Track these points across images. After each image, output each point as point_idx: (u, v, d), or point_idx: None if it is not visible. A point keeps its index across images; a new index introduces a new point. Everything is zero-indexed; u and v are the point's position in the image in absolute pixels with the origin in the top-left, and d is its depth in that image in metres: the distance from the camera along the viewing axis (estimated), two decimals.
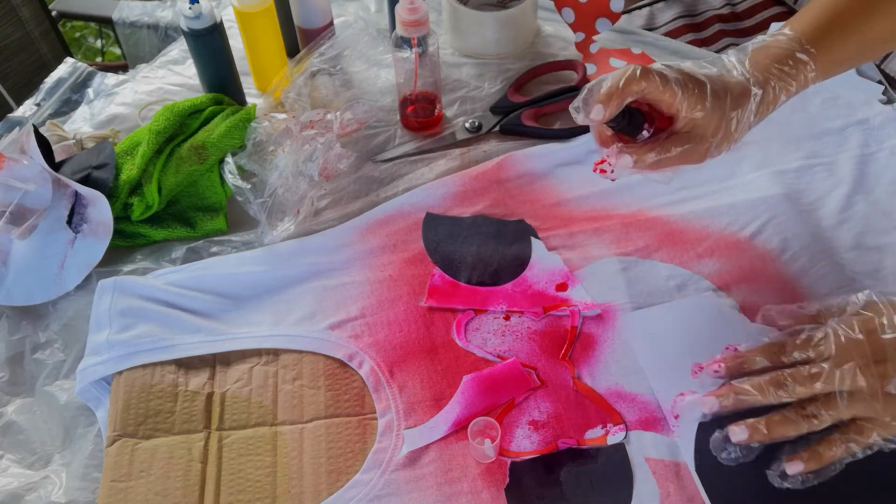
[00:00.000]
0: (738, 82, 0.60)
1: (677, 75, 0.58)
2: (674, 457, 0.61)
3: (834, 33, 0.62)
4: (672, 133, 0.60)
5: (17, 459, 0.65)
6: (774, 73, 0.61)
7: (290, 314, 0.71)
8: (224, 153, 0.80)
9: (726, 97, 0.59)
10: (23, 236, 0.75)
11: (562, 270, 0.73)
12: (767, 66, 0.61)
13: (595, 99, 0.57)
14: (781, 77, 0.61)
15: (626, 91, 0.57)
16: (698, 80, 0.59)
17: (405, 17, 0.78)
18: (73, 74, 0.97)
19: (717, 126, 0.59)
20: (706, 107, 0.58)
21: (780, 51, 0.61)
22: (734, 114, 0.59)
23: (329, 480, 0.61)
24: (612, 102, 0.57)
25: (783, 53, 0.61)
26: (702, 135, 0.59)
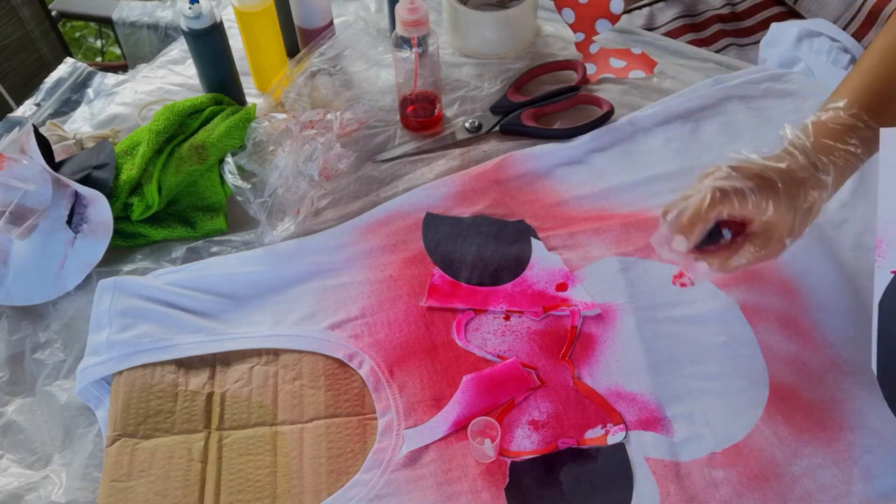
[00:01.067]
0: (807, 176, 0.59)
1: (751, 183, 0.57)
2: (674, 457, 0.61)
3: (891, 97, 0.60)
4: (747, 235, 0.59)
5: (18, 459, 0.65)
6: (841, 154, 0.59)
7: (290, 314, 0.71)
8: (224, 153, 0.80)
9: (799, 194, 0.58)
10: (23, 236, 0.75)
11: (562, 270, 0.73)
12: (832, 149, 0.59)
13: (675, 229, 0.57)
14: (848, 157, 0.60)
15: (707, 218, 0.57)
16: (770, 183, 0.58)
17: (405, 16, 0.78)
18: (73, 74, 0.97)
19: (791, 223, 0.58)
20: (780, 209, 0.57)
21: (842, 129, 0.60)
22: (807, 205, 0.59)
23: (329, 480, 0.61)
24: (695, 231, 0.57)
25: (845, 131, 0.60)
26: (778, 233, 0.59)
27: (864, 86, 0.61)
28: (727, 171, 0.58)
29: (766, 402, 0.64)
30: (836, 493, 0.59)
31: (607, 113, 0.85)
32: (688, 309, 0.70)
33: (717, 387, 0.65)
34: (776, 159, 0.60)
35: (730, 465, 0.61)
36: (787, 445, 0.61)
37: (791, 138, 0.61)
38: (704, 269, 0.60)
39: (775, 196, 0.57)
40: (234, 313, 0.72)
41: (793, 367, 0.66)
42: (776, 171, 0.59)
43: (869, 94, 0.60)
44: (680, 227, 0.58)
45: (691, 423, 0.63)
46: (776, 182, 0.58)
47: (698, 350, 0.67)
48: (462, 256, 0.74)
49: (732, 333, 0.68)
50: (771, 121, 0.84)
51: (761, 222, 0.58)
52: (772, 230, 0.59)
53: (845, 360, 0.66)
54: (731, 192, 0.57)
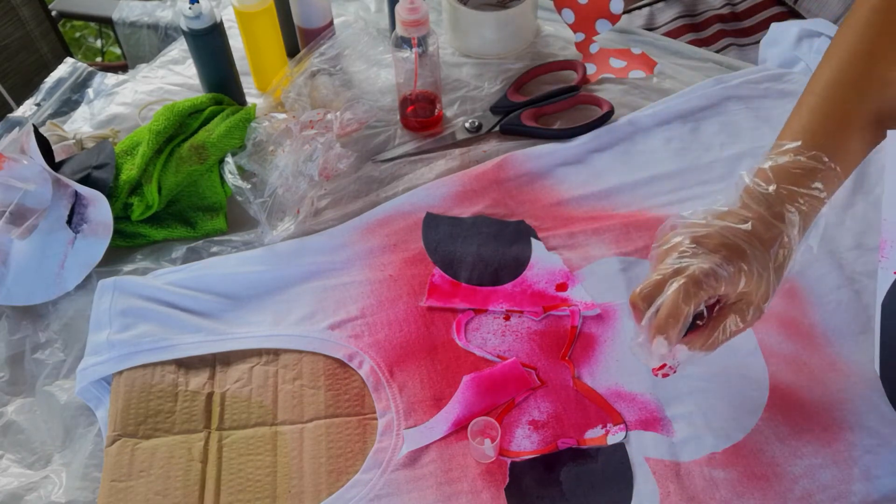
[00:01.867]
0: (776, 235, 0.56)
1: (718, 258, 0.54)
2: (674, 457, 0.61)
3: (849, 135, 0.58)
4: (723, 309, 0.57)
5: (18, 459, 0.65)
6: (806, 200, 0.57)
7: (290, 314, 0.71)
8: (224, 153, 0.80)
9: (768, 256, 0.55)
10: (23, 236, 0.75)
11: (562, 270, 0.73)
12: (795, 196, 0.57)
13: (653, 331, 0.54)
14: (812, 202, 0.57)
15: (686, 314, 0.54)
16: (739, 251, 0.55)
17: (405, 16, 0.78)
18: (73, 74, 0.97)
19: (766, 288, 0.56)
20: (752, 278, 0.55)
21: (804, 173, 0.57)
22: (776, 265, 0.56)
23: (329, 480, 0.61)
24: (676, 331, 0.54)
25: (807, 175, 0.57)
26: (754, 302, 0.56)
27: (816, 125, 0.59)
28: (690, 247, 0.55)
29: (766, 402, 0.64)
30: (836, 493, 0.59)
31: (607, 113, 0.85)
32: None
33: (716, 387, 0.65)
34: (738, 219, 0.56)
35: (730, 465, 0.61)
36: (787, 445, 0.61)
37: (751, 186, 0.58)
38: (686, 354, 0.57)
39: (747, 265, 0.55)
40: (234, 313, 0.72)
41: (793, 367, 0.66)
42: (742, 236, 0.56)
43: (823, 135, 0.58)
44: (658, 328, 0.54)
45: (691, 423, 0.63)
46: (744, 249, 0.55)
47: None
48: (462, 256, 0.74)
49: None
50: (771, 121, 0.84)
51: (736, 294, 0.56)
52: (747, 298, 0.56)
53: (845, 361, 0.66)
54: (704, 279, 0.53)
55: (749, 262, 0.55)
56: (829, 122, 0.59)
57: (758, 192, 0.57)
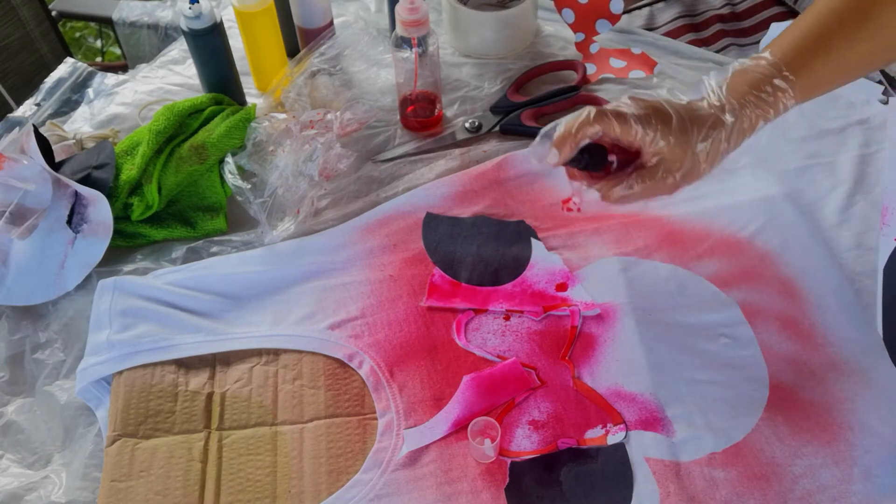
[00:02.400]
0: (709, 113, 0.59)
1: (640, 111, 0.58)
2: (674, 457, 0.61)
3: (817, 58, 0.61)
4: (638, 167, 0.60)
5: (18, 459, 0.65)
6: (751, 100, 0.60)
7: (290, 314, 0.71)
8: (224, 153, 0.80)
9: (693, 129, 0.58)
10: (23, 236, 0.75)
11: (562, 270, 0.73)
12: (745, 93, 0.60)
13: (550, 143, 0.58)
14: (759, 104, 0.60)
15: (579, 135, 0.57)
16: (663, 114, 0.58)
17: (405, 16, 0.78)
18: (73, 74, 0.97)
19: (683, 158, 0.58)
20: (670, 141, 0.57)
21: (759, 76, 0.60)
22: (702, 145, 0.58)
23: (329, 480, 0.61)
24: (566, 146, 0.58)
25: (762, 79, 0.60)
26: (668, 168, 0.59)
27: (791, 41, 0.61)
28: (624, 101, 0.59)
29: (766, 402, 0.64)
30: (836, 493, 0.59)
31: None
32: (688, 309, 0.70)
33: (717, 387, 0.65)
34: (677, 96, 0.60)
35: (730, 465, 0.61)
36: (787, 445, 0.61)
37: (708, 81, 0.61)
38: (594, 197, 0.60)
39: (665, 128, 0.57)
40: (234, 313, 0.72)
41: (793, 367, 0.66)
42: (674, 106, 0.59)
43: (792, 50, 0.61)
44: (555, 141, 0.58)
45: (691, 423, 0.63)
46: (670, 115, 0.58)
47: (698, 350, 0.67)
48: (462, 256, 0.74)
49: (732, 333, 0.68)
50: None
51: (650, 155, 0.58)
52: (662, 165, 0.58)
53: (845, 360, 0.66)
54: (611, 115, 0.57)
55: (669, 127, 0.57)
56: (805, 43, 0.61)
57: (713, 84, 0.61)
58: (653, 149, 0.58)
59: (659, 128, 0.57)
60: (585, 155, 0.60)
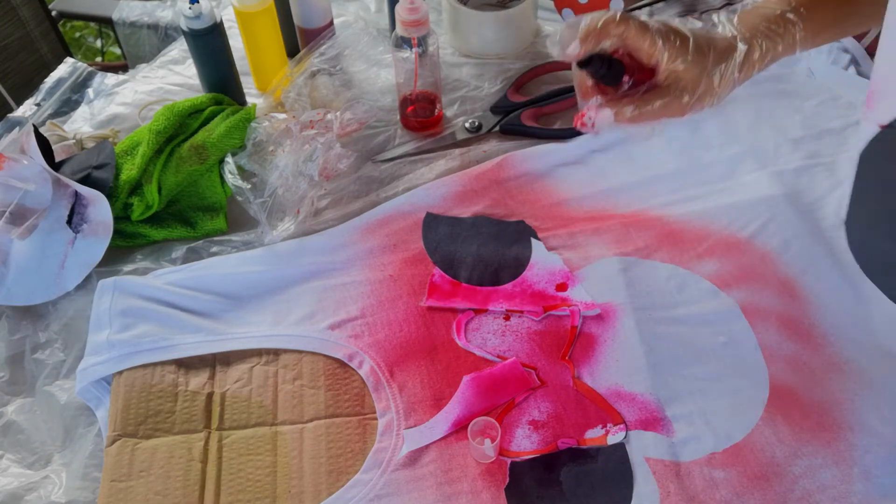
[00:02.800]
0: (724, 38, 0.59)
1: (660, 26, 0.58)
2: (674, 457, 0.61)
3: (822, 5, 0.61)
4: (653, 85, 0.59)
5: (18, 459, 0.65)
6: (762, 30, 0.60)
7: (290, 314, 0.71)
8: (224, 153, 0.80)
9: (709, 52, 0.58)
10: (23, 236, 0.75)
11: (562, 270, 0.73)
12: (755, 25, 0.60)
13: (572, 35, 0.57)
14: (769, 35, 0.60)
15: (604, 31, 0.57)
16: (681, 34, 0.58)
17: (405, 16, 0.78)
18: (73, 74, 0.97)
19: (698, 80, 0.58)
20: (687, 60, 0.57)
21: (770, 11, 0.61)
22: (717, 69, 0.58)
23: (329, 480, 0.61)
24: (589, 41, 0.57)
25: (772, 14, 0.60)
26: (683, 88, 0.58)
27: None
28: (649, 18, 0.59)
29: (766, 402, 0.64)
30: (836, 493, 0.59)
31: None
32: (688, 309, 0.70)
33: (717, 387, 0.65)
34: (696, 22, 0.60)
35: (730, 465, 0.61)
36: (787, 445, 0.61)
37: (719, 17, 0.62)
38: (608, 114, 0.60)
39: (683, 47, 0.57)
40: (234, 313, 0.72)
41: (793, 367, 0.66)
42: (691, 29, 0.59)
43: None
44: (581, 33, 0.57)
45: (691, 423, 0.63)
46: (687, 36, 0.58)
47: (698, 350, 0.67)
48: (462, 256, 0.74)
49: (732, 333, 0.68)
50: (771, 121, 0.84)
51: (666, 75, 0.58)
52: (675, 86, 0.58)
53: (845, 360, 0.66)
54: (634, 19, 0.57)
55: (686, 46, 0.58)
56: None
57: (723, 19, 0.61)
58: (670, 66, 0.58)
59: (678, 45, 0.57)
60: (604, 65, 0.59)
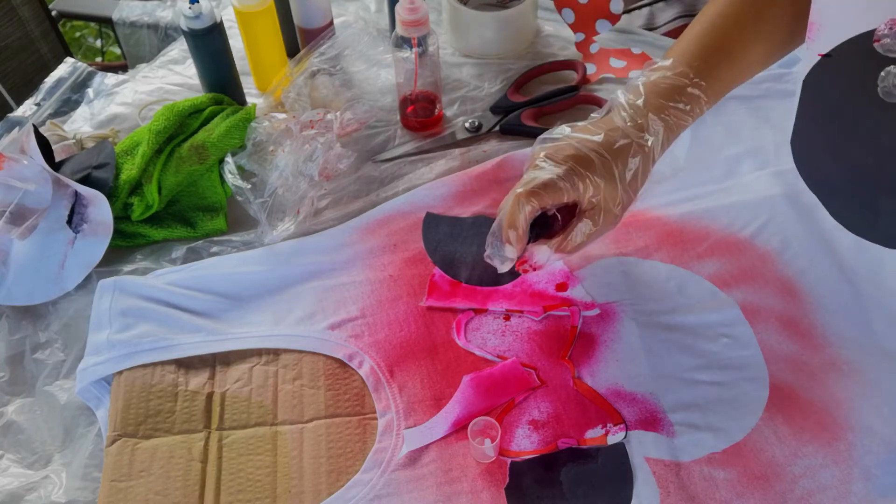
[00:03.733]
0: (627, 144, 0.61)
1: (562, 170, 0.59)
2: (674, 457, 0.61)
3: (721, 62, 0.63)
4: (580, 214, 0.62)
5: (18, 459, 0.65)
6: (671, 113, 0.62)
7: (290, 314, 0.71)
8: (224, 153, 0.80)
9: (617, 164, 0.60)
10: (23, 236, 0.75)
11: (562, 270, 0.73)
12: (661, 108, 0.62)
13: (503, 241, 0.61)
14: (678, 115, 0.62)
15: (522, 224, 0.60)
16: (585, 161, 0.60)
17: (405, 16, 0.78)
18: (73, 74, 0.97)
19: (616, 194, 0.61)
20: (599, 185, 0.60)
21: (672, 87, 0.62)
22: (629, 172, 0.61)
23: (329, 480, 0.61)
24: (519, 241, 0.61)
25: (675, 90, 0.62)
26: (606, 207, 0.61)
27: (693, 47, 0.63)
28: (541, 161, 0.60)
29: (766, 402, 0.64)
30: (836, 493, 0.59)
31: None
32: (688, 309, 0.70)
33: (717, 387, 0.65)
34: (591, 131, 0.61)
35: (730, 465, 0.61)
36: (787, 445, 0.61)
37: (623, 101, 0.63)
38: (546, 253, 0.63)
39: (592, 173, 0.59)
40: (234, 313, 0.72)
41: (793, 367, 0.66)
42: (591, 146, 0.60)
43: (697, 57, 0.63)
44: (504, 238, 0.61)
45: (691, 423, 0.63)
46: (592, 160, 0.59)
47: (698, 350, 0.67)
48: (462, 256, 0.74)
49: (732, 333, 0.68)
50: (771, 120, 0.84)
51: (587, 201, 0.60)
52: (601, 205, 0.61)
53: (845, 361, 0.66)
54: (540, 190, 0.59)
55: (595, 171, 0.59)
56: (707, 49, 0.64)
57: (630, 102, 0.63)
58: (587, 197, 0.60)
59: (587, 177, 0.59)
60: (535, 229, 0.62)
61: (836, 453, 0.61)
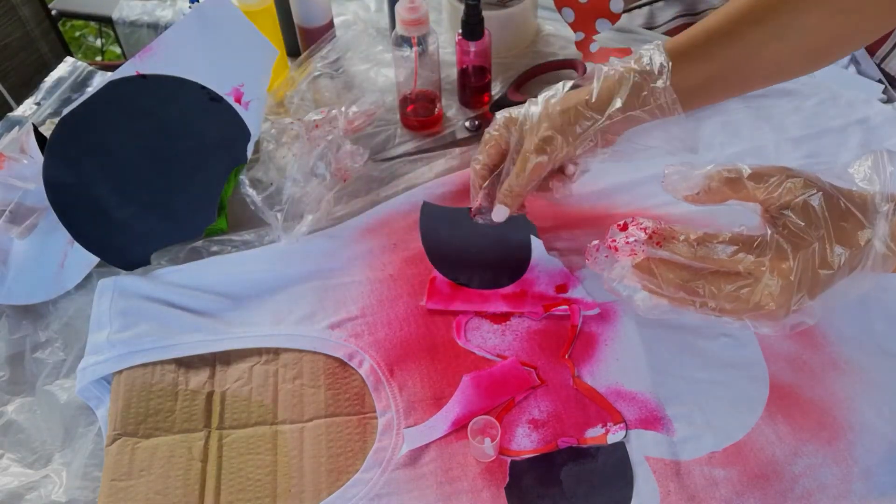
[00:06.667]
0: (604, 102, 0.63)
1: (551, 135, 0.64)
2: (674, 456, 0.61)
3: (694, 53, 0.63)
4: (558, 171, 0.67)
5: (18, 458, 0.65)
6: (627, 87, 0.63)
7: (291, 313, 0.71)
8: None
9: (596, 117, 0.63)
10: (23, 235, 0.75)
11: (562, 271, 0.73)
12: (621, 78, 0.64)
13: (499, 201, 0.66)
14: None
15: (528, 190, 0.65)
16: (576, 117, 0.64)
17: (405, 16, 0.78)
18: (73, 74, 0.97)
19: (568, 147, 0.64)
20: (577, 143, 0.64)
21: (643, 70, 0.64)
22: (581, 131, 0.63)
23: (329, 479, 0.61)
24: (515, 201, 0.65)
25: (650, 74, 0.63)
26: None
27: (680, 45, 0.64)
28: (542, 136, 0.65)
29: (766, 402, 0.64)
30: (836, 493, 0.59)
31: None
32: None
33: (717, 386, 0.65)
34: (586, 91, 0.65)
35: (730, 465, 0.61)
36: (787, 445, 0.61)
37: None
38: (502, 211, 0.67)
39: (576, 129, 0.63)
40: (234, 312, 0.72)
41: (793, 367, 0.66)
42: (581, 103, 0.64)
43: (680, 40, 0.64)
44: (502, 199, 0.66)
45: (691, 422, 0.63)
46: (582, 115, 0.63)
47: (698, 349, 0.67)
48: (461, 259, 0.74)
49: (733, 332, 0.68)
50: (771, 120, 0.84)
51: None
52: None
53: (846, 360, 0.66)
54: (549, 151, 0.64)
55: (582, 125, 0.63)
56: (692, 40, 0.64)
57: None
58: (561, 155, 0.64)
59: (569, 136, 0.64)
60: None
61: (836, 452, 0.61)
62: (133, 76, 0.75)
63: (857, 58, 0.92)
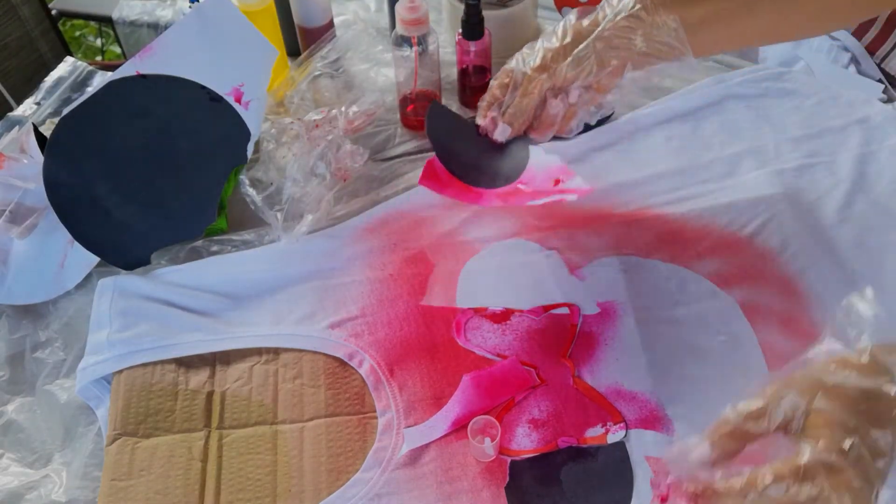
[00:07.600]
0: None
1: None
2: None
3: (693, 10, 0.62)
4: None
5: (18, 458, 0.65)
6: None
7: (291, 313, 0.71)
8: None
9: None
10: (23, 235, 0.75)
11: (559, 167, 0.69)
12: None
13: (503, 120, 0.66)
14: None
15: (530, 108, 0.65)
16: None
17: (405, 15, 0.78)
18: (73, 73, 0.97)
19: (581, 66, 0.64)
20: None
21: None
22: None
23: (329, 479, 0.61)
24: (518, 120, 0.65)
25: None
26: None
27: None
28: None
29: None
30: None
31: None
32: (688, 308, 0.70)
33: (717, 386, 0.65)
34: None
35: None
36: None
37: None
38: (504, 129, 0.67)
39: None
40: (234, 312, 0.72)
41: None
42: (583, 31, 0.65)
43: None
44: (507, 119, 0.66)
45: (691, 421, 0.63)
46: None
47: (698, 349, 0.67)
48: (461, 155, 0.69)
49: (733, 332, 0.68)
50: (771, 119, 0.84)
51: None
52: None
53: None
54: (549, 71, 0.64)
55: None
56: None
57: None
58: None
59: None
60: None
61: None
62: (133, 76, 0.76)
63: (857, 58, 0.92)
